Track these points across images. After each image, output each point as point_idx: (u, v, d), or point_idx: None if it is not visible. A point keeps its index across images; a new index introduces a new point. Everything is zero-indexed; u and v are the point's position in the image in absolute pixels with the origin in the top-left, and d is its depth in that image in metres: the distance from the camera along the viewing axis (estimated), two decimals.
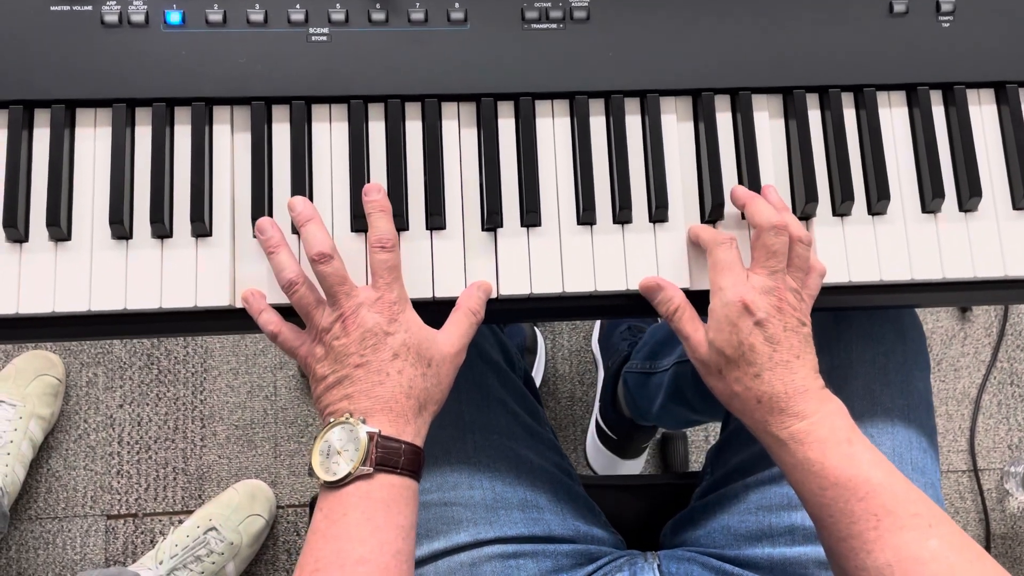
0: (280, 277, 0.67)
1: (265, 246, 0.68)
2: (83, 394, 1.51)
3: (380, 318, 0.64)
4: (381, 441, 0.62)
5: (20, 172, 0.69)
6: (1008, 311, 1.63)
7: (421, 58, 0.73)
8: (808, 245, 0.69)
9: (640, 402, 1.30)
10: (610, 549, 0.84)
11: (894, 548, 0.60)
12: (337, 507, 0.61)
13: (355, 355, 0.64)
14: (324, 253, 0.65)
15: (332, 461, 0.62)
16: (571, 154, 0.74)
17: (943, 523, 0.61)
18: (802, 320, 0.67)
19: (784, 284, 0.67)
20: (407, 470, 0.63)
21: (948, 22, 0.76)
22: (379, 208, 0.68)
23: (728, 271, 0.67)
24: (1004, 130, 0.76)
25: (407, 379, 0.64)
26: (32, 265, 0.69)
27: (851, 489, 0.62)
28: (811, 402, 0.65)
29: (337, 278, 0.65)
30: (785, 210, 0.71)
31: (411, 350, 0.65)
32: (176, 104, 0.72)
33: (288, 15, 0.72)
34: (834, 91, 0.75)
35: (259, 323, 0.68)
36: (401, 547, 0.61)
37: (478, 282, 0.70)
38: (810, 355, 0.67)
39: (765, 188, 0.72)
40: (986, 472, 1.58)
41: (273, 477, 1.49)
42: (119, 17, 0.71)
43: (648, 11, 0.74)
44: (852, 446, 0.63)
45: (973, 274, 0.73)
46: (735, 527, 0.80)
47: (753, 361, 0.65)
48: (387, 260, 0.66)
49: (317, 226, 0.67)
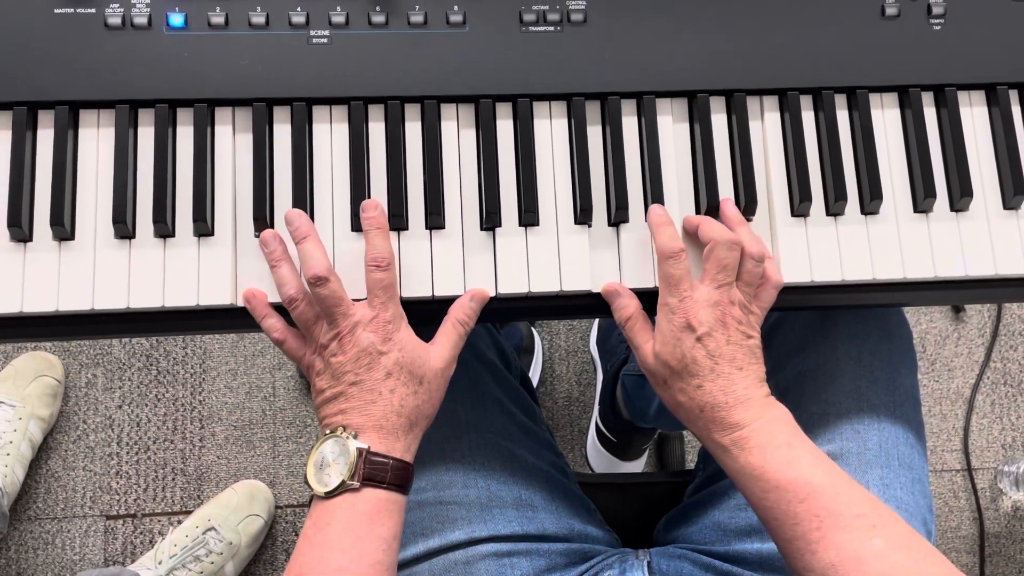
0: (281, 292, 0.68)
1: (268, 259, 0.69)
2: (82, 395, 1.52)
3: (375, 337, 0.66)
4: (369, 457, 0.65)
5: (24, 172, 0.70)
6: (1001, 311, 1.64)
7: (420, 60, 0.73)
8: (760, 261, 0.69)
9: (638, 404, 1.31)
10: (604, 548, 0.85)
11: (837, 548, 0.61)
12: (324, 516, 0.64)
13: (350, 373, 0.66)
14: (320, 276, 0.66)
15: (324, 473, 0.65)
16: (568, 155, 0.75)
17: (889, 523, 0.62)
18: (747, 333, 0.68)
19: (730, 298, 0.68)
20: (393, 484, 0.65)
21: (939, 25, 0.77)
22: (376, 225, 0.69)
23: (675, 286, 0.68)
24: (995, 131, 0.77)
25: (399, 398, 0.66)
26: (36, 264, 0.70)
27: (792, 492, 0.63)
28: (752, 410, 0.66)
29: (334, 300, 0.66)
30: (742, 224, 0.72)
31: (403, 369, 0.67)
32: (178, 105, 0.73)
33: (289, 18, 0.73)
34: (827, 92, 0.76)
35: (263, 328, 0.70)
36: (381, 558, 0.64)
37: (472, 291, 0.71)
38: (754, 366, 0.68)
39: (723, 201, 0.73)
40: (980, 471, 1.59)
41: (272, 477, 1.50)
42: (122, 19, 0.72)
43: (644, 14, 0.75)
44: (792, 450, 0.65)
45: (964, 273, 0.75)
46: (725, 523, 0.81)
47: (695, 373, 0.67)
48: (382, 280, 0.67)
49: (313, 245, 0.68)
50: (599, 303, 0.74)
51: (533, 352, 1.53)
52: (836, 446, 0.79)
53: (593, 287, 0.73)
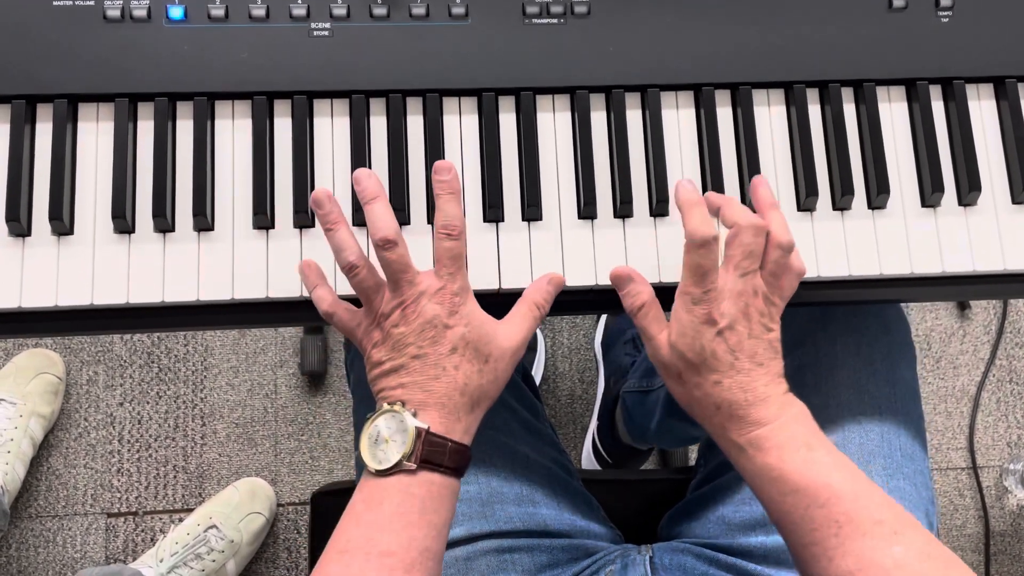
0: (340, 258, 0.64)
1: (323, 221, 0.65)
2: (83, 392, 1.51)
3: (441, 309, 0.63)
4: (428, 438, 0.61)
5: (23, 167, 0.70)
6: (1007, 309, 1.63)
7: (422, 53, 0.73)
8: (787, 251, 0.65)
9: (639, 420, 1.29)
10: (606, 544, 0.84)
11: (856, 555, 0.58)
12: (375, 494, 0.61)
13: (413, 345, 0.63)
14: (389, 239, 0.62)
15: (379, 448, 0.62)
16: (572, 149, 0.74)
17: (910, 530, 0.59)
18: (768, 326, 0.65)
19: (754, 287, 0.64)
20: (450, 468, 0.62)
21: (947, 17, 0.76)
22: (449, 190, 0.65)
23: (702, 277, 0.64)
24: (1003, 125, 0.76)
25: (463, 375, 0.63)
26: (35, 259, 0.69)
27: (811, 495, 0.60)
28: (771, 408, 0.63)
29: (401, 265, 0.63)
30: (774, 208, 0.67)
31: (470, 345, 0.63)
32: (178, 99, 0.72)
33: (290, 10, 0.72)
34: (834, 86, 0.75)
35: (312, 298, 0.67)
36: (430, 545, 0.61)
37: (549, 275, 0.69)
38: (774, 361, 0.65)
39: (756, 180, 0.69)
40: (985, 469, 1.58)
41: (273, 475, 1.49)
42: (121, 12, 0.71)
43: (649, 6, 0.74)
44: (812, 451, 0.62)
45: (972, 268, 0.74)
46: (729, 517, 0.80)
47: (714, 368, 0.64)
48: (452, 248, 0.64)
49: (383, 206, 0.64)
50: (602, 299, 0.73)
51: (536, 349, 1.52)
52: (838, 437, 0.78)
53: (596, 282, 0.72)
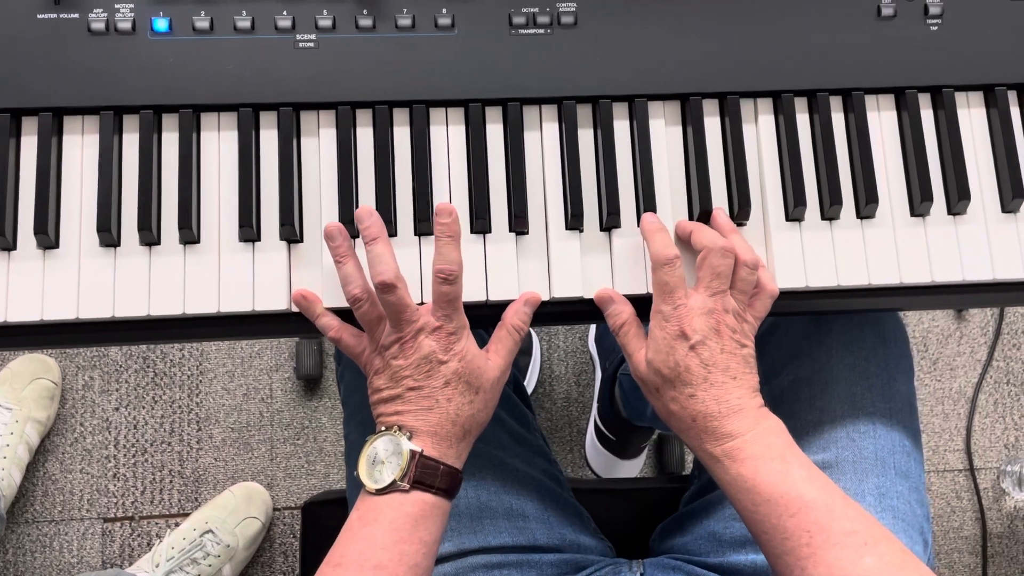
0: (346, 290, 0.68)
1: (333, 254, 0.68)
2: (79, 397, 1.51)
3: (437, 345, 0.66)
4: (422, 460, 0.65)
5: (7, 180, 0.69)
6: (1004, 311, 1.63)
7: (409, 64, 0.72)
8: (753, 269, 0.69)
9: (635, 404, 1.30)
10: (597, 557, 0.84)
11: (827, 565, 0.60)
12: (370, 511, 0.65)
13: (410, 378, 0.66)
14: (387, 283, 0.65)
15: (376, 469, 0.66)
16: (559, 160, 0.74)
17: (883, 542, 0.61)
18: (741, 342, 0.68)
19: (724, 305, 0.67)
20: (441, 489, 0.66)
21: (936, 25, 0.76)
22: (449, 232, 0.67)
23: (670, 294, 0.67)
24: (993, 133, 0.76)
25: (455, 407, 0.67)
26: (20, 273, 0.69)
27: (783, 505, 0.62)
28: (745, 420, 0.66)
29: (400, 306, 0.66)
30: (734, 232, 0.71)
31: (462, 379, 0.67)
32: (163, 111, 0.72)
33: (275, 22, 0.72)
34: (822, 95, 0.75)
35: (318, 327, 0.70)
36: (420, 561, 0.64)
37: (526, 294, 0.71)
38: (748, 375, 0.67)
39: (716, 210, 0.72)
40: (982, 471, 1.58)
41: (269, 480, 1.49)
42: (106, 25, 0.71)
43: (636, 16, 0.74)
44: (785, 463, 0.64)
45: (962, 278, 0.73)
46: (720, 533, 0.80)
47: (688, 382, 0.66)
48: (448, 293, 0.66)
49: (384, 248, 0.67)
50: (592, 309, 0.73)
51: (531, 353, 1.52)
52: (831, 454, 0.78)
53: (585, 293, 0.72)
